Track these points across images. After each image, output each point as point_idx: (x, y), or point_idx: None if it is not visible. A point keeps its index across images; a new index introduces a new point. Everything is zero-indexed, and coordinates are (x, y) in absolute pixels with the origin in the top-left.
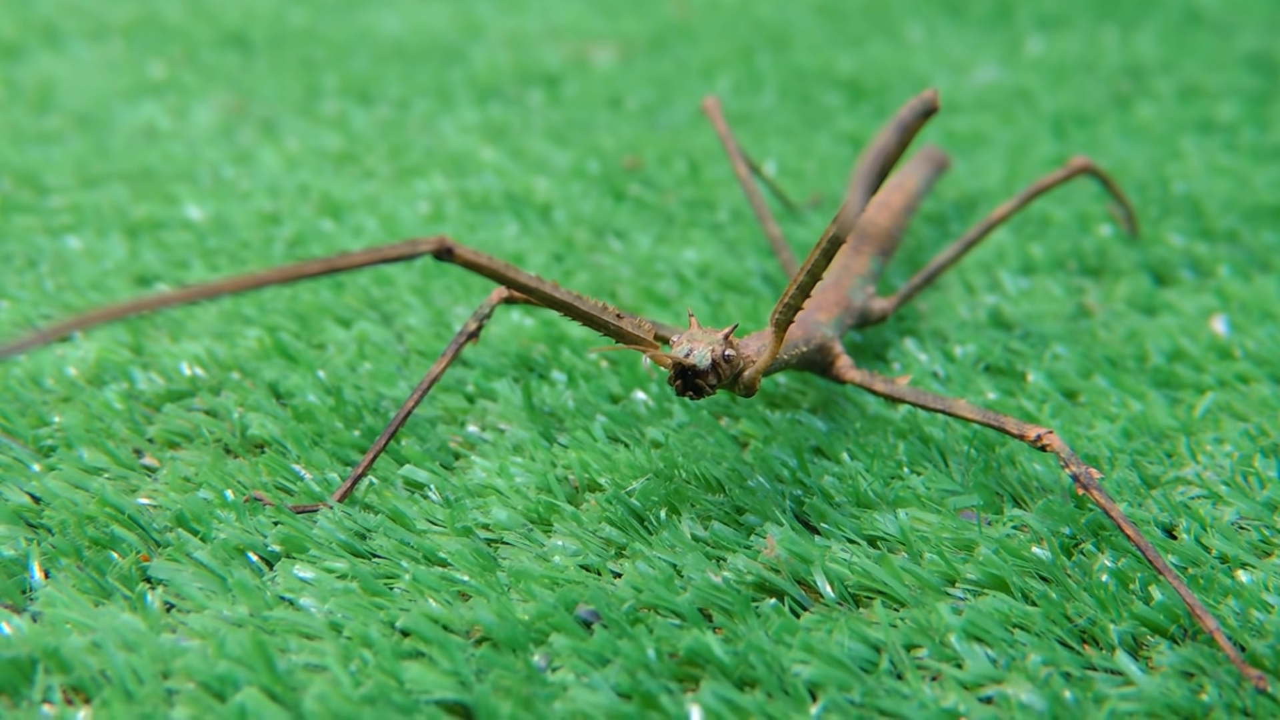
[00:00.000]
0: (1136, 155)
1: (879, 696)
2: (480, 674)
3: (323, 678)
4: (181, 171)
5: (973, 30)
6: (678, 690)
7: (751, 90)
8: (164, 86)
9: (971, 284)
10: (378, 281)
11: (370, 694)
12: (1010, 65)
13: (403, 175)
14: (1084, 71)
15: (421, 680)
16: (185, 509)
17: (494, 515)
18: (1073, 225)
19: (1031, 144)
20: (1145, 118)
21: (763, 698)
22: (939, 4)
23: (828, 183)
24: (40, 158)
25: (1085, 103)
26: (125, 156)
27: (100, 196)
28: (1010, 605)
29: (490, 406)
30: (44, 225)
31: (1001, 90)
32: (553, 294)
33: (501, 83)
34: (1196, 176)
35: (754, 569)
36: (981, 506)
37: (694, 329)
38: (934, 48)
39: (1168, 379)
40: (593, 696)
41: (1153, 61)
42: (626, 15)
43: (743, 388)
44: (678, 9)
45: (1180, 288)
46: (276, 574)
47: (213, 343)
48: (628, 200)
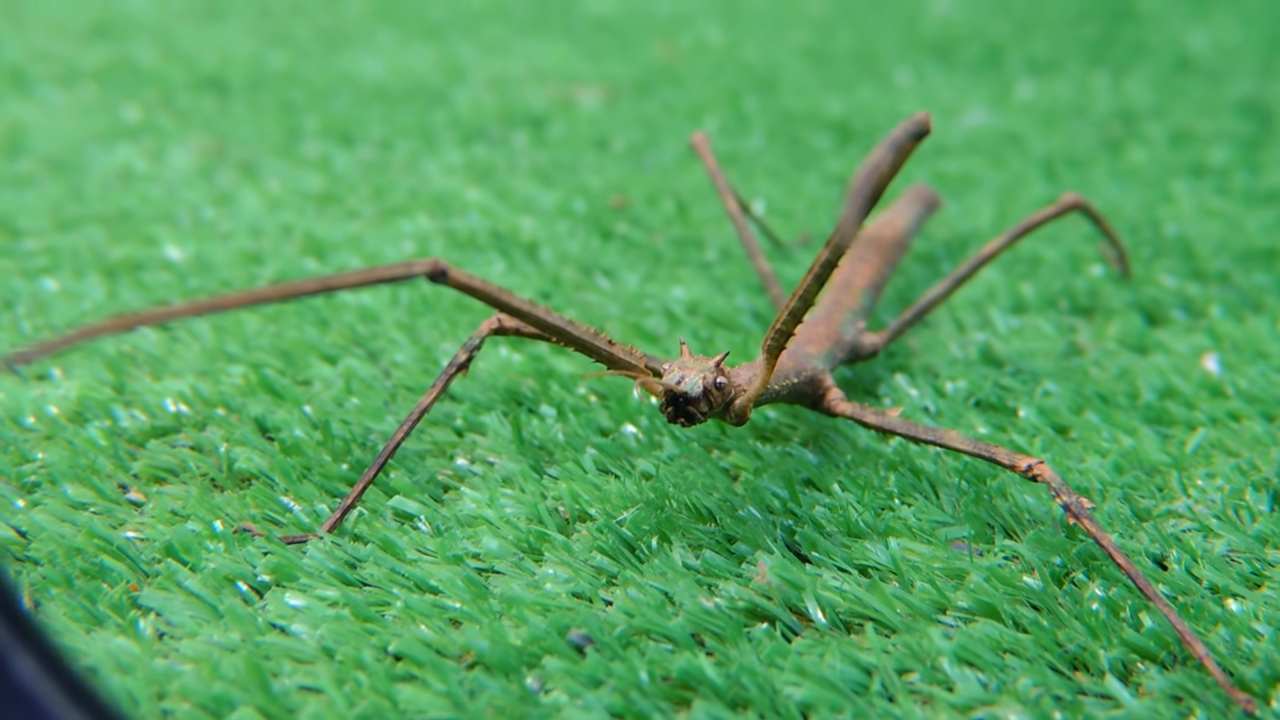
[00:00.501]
0: (1128, 198)
1: (871, 718)
2: (473, 695)
3: (317, 699)
4: (160, 213)
5: (962, 75)
6: (670, 711)
7: (739, 132)
8: (139, 130)
9: (962, 322)
10: (363, 319)
11: (365, 713)
12: (1000, 109)
13: (387, 215)
14: (1075, 116)
15: (415, 701)
16: (174, 540)
17: (484, 545)
18: (1064, 265)
19: (1022, 186)
20: (1137, 161)
21: (755, 719)
22: (928, 49)
23: (817, 222)
24: (13, 202)
25: (1076, 146)
26: (101, 199)
27: (76, 239)
28: (1001, 632)
29: (479, 440)
30: (19, 268)
31: (991, 134)
32: (545, 318)
33: (486, 124)
34: (1188, 219)
35: (745, 595)
36: (973, 537)
37: (685, 357)
38: (923, 92)
39: (1159, 416)
40: (586, 717)
41: (1144, 106)
42: (611, 58)
43: (734, 416)
44: (664, 52)
45: (1172, 327)
46: (267, 602)
47: (196, 380)
48: (615, 239)
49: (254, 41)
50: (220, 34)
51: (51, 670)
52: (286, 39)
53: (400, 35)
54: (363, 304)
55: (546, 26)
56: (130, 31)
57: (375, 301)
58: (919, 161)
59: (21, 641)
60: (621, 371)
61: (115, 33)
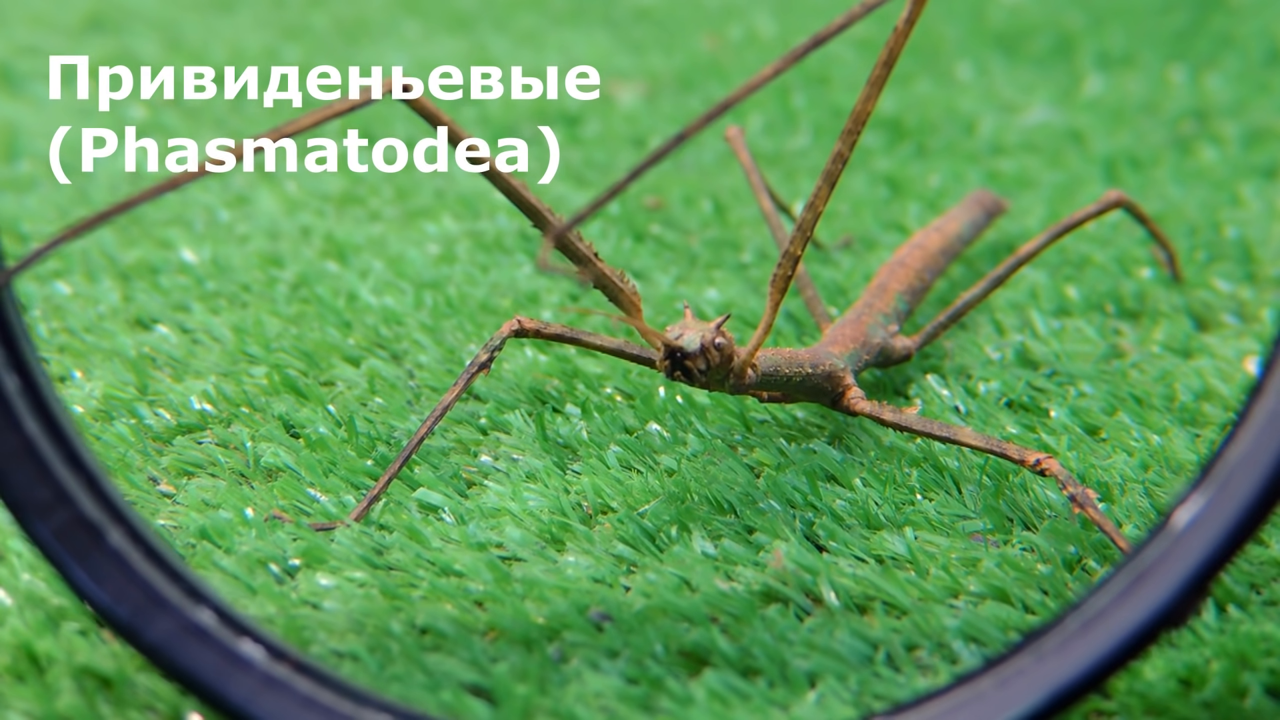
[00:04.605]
0: (1191, 199)
1: (874, 684)
2: (496, 661)
3: (352, 664)
4: (173, 216)
5: (1027, 69)
6: (683, 677)
7: (786, 130)
8: (146, 129)
9: (1001, 324)
10: (386, 320)
11: (399, 673)
12: (1065, 106)
13: (411, 217)
14: (1144, 113)
15: (443, 665)
16: (208, 525)
17: (507, 534)
18: (1113, 267)
19: (1079, 187)
20: (1205, 162)
21: (764, 685)
22: (993, 41)
23: (861, 224)
24: (14, 205)
25: (1141, 146)
26: (109, 202)
27: (87, 242)
28: (1009, 613)
29: (503, 438)
30: (30, 272)
31: (1052, 131)
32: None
33: (516, 121)
34: (1252, 222)
35: (761, 580)
36: (991, 530)
37: (688, 319)
38: (984, 87)
39: (1193, 416)
40: (603, 681)
41: (1222, 103)
42: (654, 51)
43: (732, 377)
44: (711, 44)
45: (1221, 332)
46: (299, 582)
47: (219, 380)
48: (649, 240)
49: (267, 34)
50: (229, 25)
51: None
52: (302, 31)
53: (426, 26)
54: (386, 306)
55: (585, 16)
56: (128, 23)
57: (399, 304)
58: (973, 160)
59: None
60: (621, 318)
61: (111, 25)
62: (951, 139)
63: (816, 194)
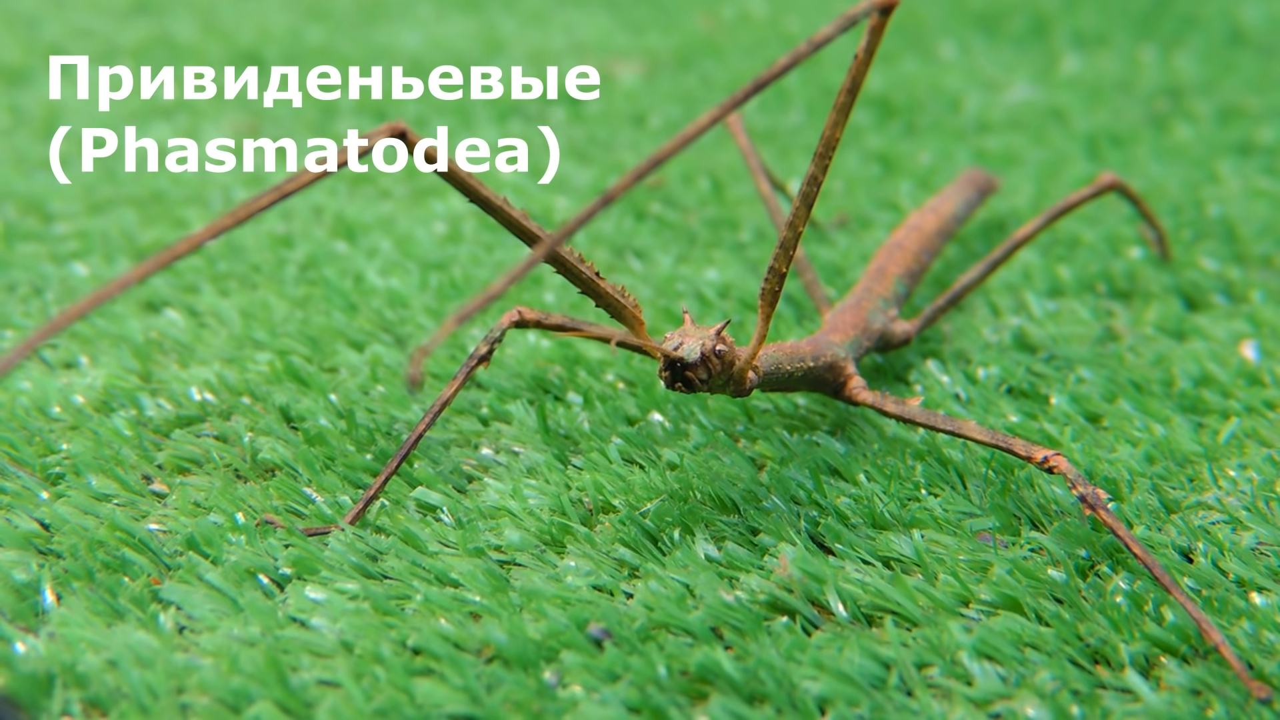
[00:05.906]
0: (1171, 177)
1: (887, 712)
2: (491, 689)
3: (336, 693)
4: (192, 194)
5: (1007, 48)
6: (687, 705)
7: (779, 108)
8: (174, 108)
9: (997, 306)
10: (391, 303)
11: (382, 707)
12: (1045, 83)
13: (419, 196)
14: (1120, 91)
15: (433, 695)
16: (196, 533)
17: (507, 537)
18: (1103, 247)
19: (1064, 164)
20: (1182, 139)
21: (772, 713)
22: (973, 21)
23: (855, 202)
24: (46, 184)
25: (1120, 123)
26: (134, 180)
27: (108, 222)
28: (1023, 625)
29: (505, 429)
30: (50, 252)
31: (1035, 109)
32: (518, 220)
33: (522, 100)
34: (1233, 200)
35: (767, 588)
36: (998, 529)
37: (687, 325)
38: (967, 65)
39: (1194, 404)
40: (603, 711)
41: (1192, 82)
42: (652, 31)
43: (733, 384)
44: (706, 24)
45: (1212, 312)
46: (288, 596)
47: (223, 367)
48: (649, 219)
49: (292, 15)
50: (259, 8)
51: None
52: (325, 12)
53: (439, 6)
54: (392, 288)
55: None
56: (169, 6)
57: (405, 285)
58: (960, 138)
59: None
60: (624, 336)
61: (154, 8)
62: (938, 116)
63: (795, 214)
